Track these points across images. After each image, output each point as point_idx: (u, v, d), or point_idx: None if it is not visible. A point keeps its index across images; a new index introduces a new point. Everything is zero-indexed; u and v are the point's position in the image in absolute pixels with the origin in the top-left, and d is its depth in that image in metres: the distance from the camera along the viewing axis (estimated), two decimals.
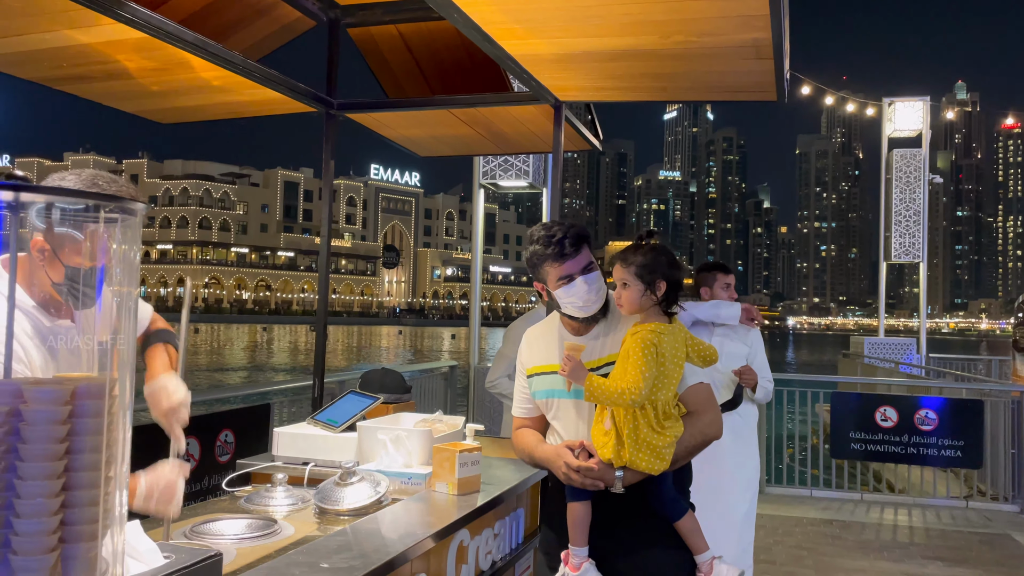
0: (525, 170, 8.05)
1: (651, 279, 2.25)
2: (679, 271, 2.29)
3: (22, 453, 1.18)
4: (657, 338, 2.20)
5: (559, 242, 2.32)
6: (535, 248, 2.37)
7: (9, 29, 2.58)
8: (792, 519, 6.84)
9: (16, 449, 1.18)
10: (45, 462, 1.18)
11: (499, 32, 2.61)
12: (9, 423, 1.17)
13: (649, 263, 2.26)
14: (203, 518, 2.43)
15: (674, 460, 2.25)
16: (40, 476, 1.18)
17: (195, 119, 3.76)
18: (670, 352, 2.21)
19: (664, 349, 2.20)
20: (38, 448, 1.18)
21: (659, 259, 2.27)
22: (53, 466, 1.19)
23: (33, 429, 1.18)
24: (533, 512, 3.12)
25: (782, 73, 2.73)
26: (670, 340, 2.22)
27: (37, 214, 1.24)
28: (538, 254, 2.36)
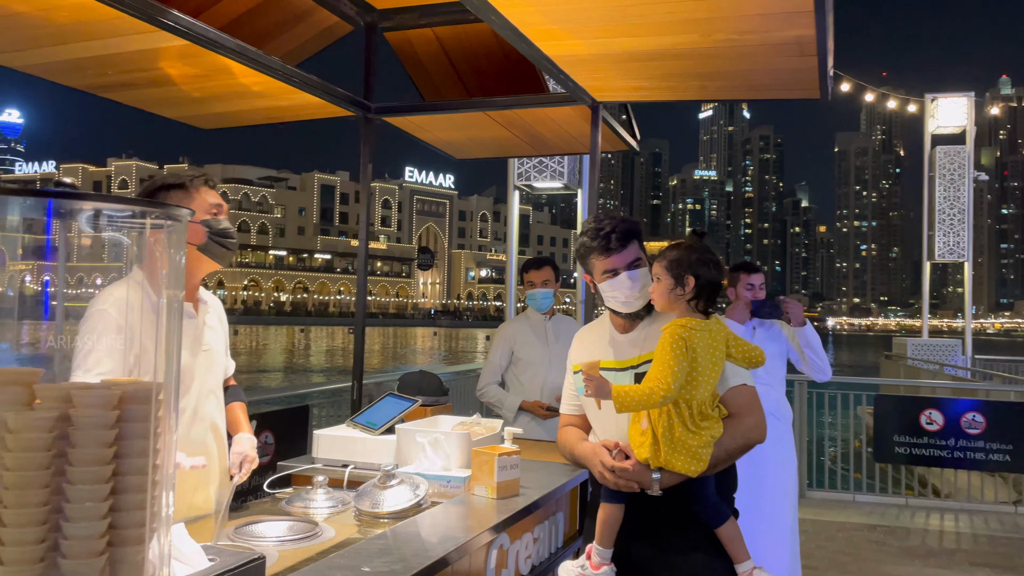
0: (560, 171, 8.03)
1: (679, 274, 2.22)
2: (711, 269, 2.24)
3: (71, 457, 1.19)
4: (687, 332, 2.16)
5: (606, 235, 2.34)
6: (583, 239, 2.40)
7: (56, 39, 2.63)
8: (835, 524, 6.72)
9: (65, 453, 1.19)
10: (94, 466, 1.19)
11: (537, 33, 2.59)
12: (59, 427, 1.19)
13: (678, 258, 2.24)
14: (246, 519, 2.45)
15: (714, 463, 2.20)
16: (89, 480, 1.19)
17: (235, 124, 3.80)
18: (704, 348, 2.17)
19: (696, 345, 2.16)
20: (87, 452, 1.19)
21: (689, 255, 2.24)
22: (102, 470, 1.20)
23: (82, 433, 1.19)
24: (572, 516, 3.10)
25: (826, 70, 2.68)
26: (704, 336, 2.18)
27: (86, 221, 1.26)
28: (585, 245, 2.39)
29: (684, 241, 2.30)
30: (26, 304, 1.29)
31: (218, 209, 2.46)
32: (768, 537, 3.96)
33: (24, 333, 1.29)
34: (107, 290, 2.23)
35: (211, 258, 2.46)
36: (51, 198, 1.17)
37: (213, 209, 2.45)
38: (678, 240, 2.34)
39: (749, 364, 2.29)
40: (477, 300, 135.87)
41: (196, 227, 2.38)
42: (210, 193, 2.46)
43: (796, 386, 7.70)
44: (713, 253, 2.29)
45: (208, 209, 2.43)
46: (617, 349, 2.42)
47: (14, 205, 1.18)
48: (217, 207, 2.46)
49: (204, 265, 2.48)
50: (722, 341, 2.23)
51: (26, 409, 1.20)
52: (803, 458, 7.54)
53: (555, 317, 4.40)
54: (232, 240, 2.48)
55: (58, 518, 1.18)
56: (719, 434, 2.21)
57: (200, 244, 2.41)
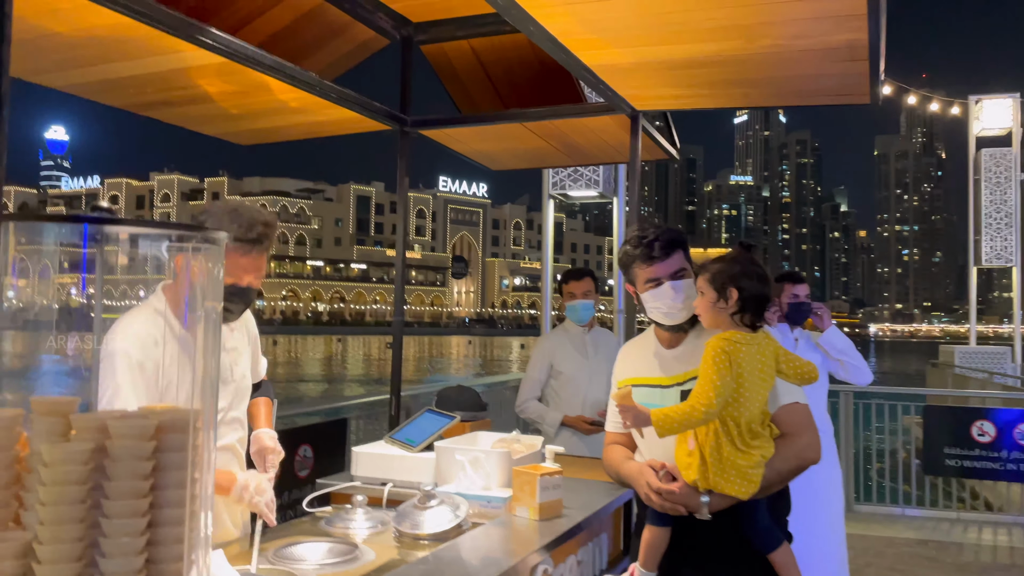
0: (595, 179, 7.95)
1: (722, 286, 2.15)
2: (755, 282, 2.16)
3: (107, 490, 1.15)
4: (730, 347, 2.09)
5: (649, 243, 2.28)
6: (626, 248, 2.34)
7: (96, 58, 2.64)
8: (884, 539, 6.53)
9: (101, 486, 1.16)
10: (130, 499, 1.16)
11: (576, 43, 2.54)
12: (95, 459, 1.16)
13: (720, 271, 2.17)
14: (286, 541, 2.42)
15: (766, 485, 2.12)
16: (126, 514, 1.15)
17: (273, 140, 3.80)
18: (750, 363, 2.09)
19: (741, 359, 2.08)
20: (124, 485, 1.15)
21: (732, 267, 2.16)
22: (139, 503, 1.16)
23: (118, 465, 1.16)
24: (616, 537, 3.02)
25: (877, 74, 2.58)
26: (750, 351, 2.10)
27: (122, 246, 1.23)
28: (628, 254, 2.33)
29: (729, 253, 2.23)
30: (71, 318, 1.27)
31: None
32: (815, 555, 3.85)
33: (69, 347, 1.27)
34: (123, 324, 2.15)
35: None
36: (86, 223, 1.15)
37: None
38: (724, 252, 2.27)
39: (801, 380, 2.20)
40: (511, 308, 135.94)
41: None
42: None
43: (841, 396, 7.52)
44: (759, 265, 2.21)
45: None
46: (663, 365, 2.35)
47: (50, 231, 1.15)
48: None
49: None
50: (771, 356, 2.15)
51: (62, 440, 1.17)
52: (849, 471, 7.36)
53: (594, 330, 4.32)
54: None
55: (94, 553, 1.14)
56: (770, 454, 2.12)
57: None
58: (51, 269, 1.18)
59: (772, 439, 2.14)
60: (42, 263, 1.18)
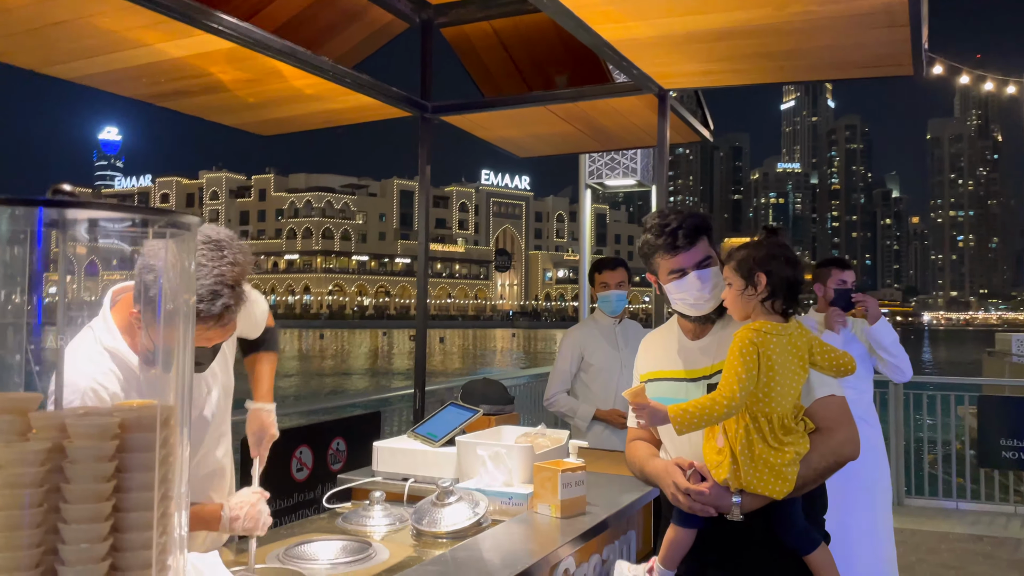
0: (632, 168, 7.77)
1: (749, 272, 2.02)
2: (785, 265, 2.03)
3: (66, 494, 1.08)
4: (759, 337, 1.96)
5: (672, 232, 2.13)
6: (647, 237, 2.20)
7: (105, 47, 2.60)
8: (937, 534, 6.28)
9: (60, 489, 1.08)
10: (91, 503, 1.08)
11: (593, 16, 2.40)
12: (52, 460, 1.08)
13: (745, 256, 2.04)
14: (299, 539, 2.36)
15: (802, 484, 1.98)
16: (85, 519, 1.07)
17: (294, 130, 3.74)
18: (781, 354, 1.96)
19: (771, 351, 1.95)
20: (83, 488, 1.07)
21: (757, 252, 2.04)
22: (100, 507, 1.08)
23: (77, 467, 1.08)
24: (646, 534, 2.90)
25: (920, 42, 2.40)
26: (781, 341, 1.97)
27: (86, 230, 1.15)
28: (649, 244, 2.19)
29: (754, 239, 2.10)
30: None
31: None
32: (862, 553, 3.69)
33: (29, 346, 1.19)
34: (81, 360, 1.81)
35: None
36: (40, 207, 1.07)
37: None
38: (749, 239, 2.13)
39: (837, 372, 2.05)
40: (555, 301, 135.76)
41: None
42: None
43: (891, 387, 7.28)
44: (788, 248, 2.07)
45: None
46: (688, 357, 2.21)
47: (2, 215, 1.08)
48: None
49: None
50: (804, 347, 2.00)
51: (18, 440, 1.09)
52: (899, 463, 7.12)
53: (624, 321, 4.19)
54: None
55: (52, 560, 1.07)
56: (805, 450, 1.98)
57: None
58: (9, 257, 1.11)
59: (806, 434, 2.00)
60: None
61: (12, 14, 2.31)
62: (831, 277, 3.84)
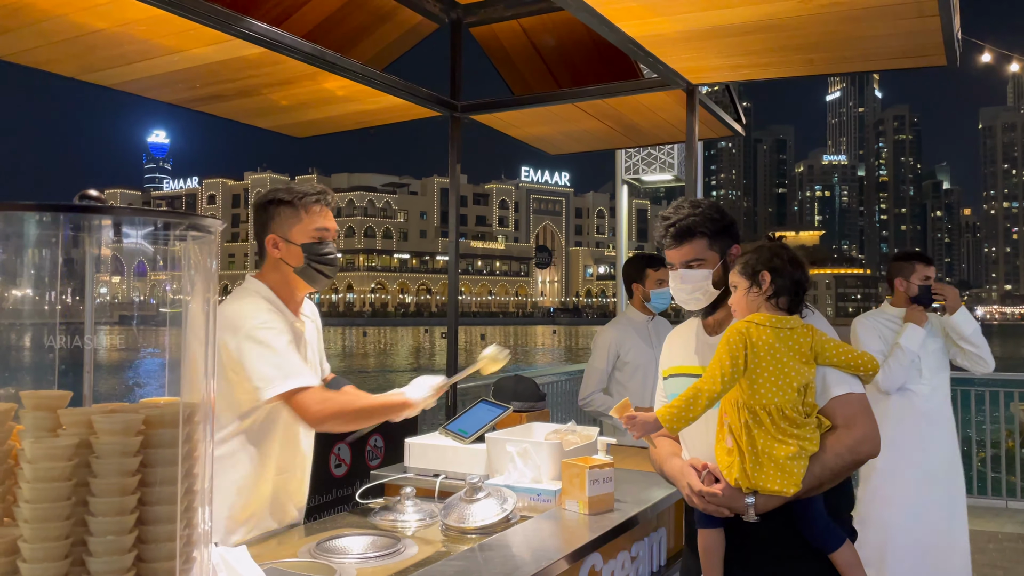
0: (670, 163, 7.72)
1: (753, 272, 2.05)
2: (787, 264, 2.05)
3: (93, 488, 1.12)
4: (750, 327, 1.99)
5: (664, 228, 2.22)
6: (656, 224, 2.29)
7: (141, 54, 2.67)
8: (986, 534, 6.12)
9: (88, 483, 1.13)
10: (116, 496, 1.12)
11: (615, 12, 2.40)
12: (79, 455, 1.13)
13: (750, 258, 2.07)
14: (330, 534, 2.40)
15: (817, 483, 1.97)
16: (112, 512, 1.12)
17: (327, 131, 3.80)
18: (774, 345, 1.97)
19: (762, 341, 1.97)
20: (110, 482, 1.12)
21: (760, 253, 2.07)
22: (125, 501, 1.12)
23: (103, 462, 1.12)
24: (678, 531, 2.89)
25: (951, 32, 2.34)
26: (776, 333, 1.98)
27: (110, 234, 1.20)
28: (656, 231, 2.28)
29: (757, 243, 2.15)
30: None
31: (324, 233, 2.37)
32: (938, 548, 3.63)
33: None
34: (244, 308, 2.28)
35: (307, 282, 2.40)
36: (64, 212, 1.11)
37: (319, 233, 2.36)
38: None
39: (852, 369, 2.03)
40: (596, 297, 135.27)
41: (295, 250, 2.35)
42: (321, 215, 2.37)
43: None
44: (789, 250, 2.11)
45: (313, 233, 2.35)
46: (704, 352, 2.22)
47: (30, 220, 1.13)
48: (323, 231, 2.37)
49: (302, 286, 2.44)
50: (804, 341, 2.00)
51: (48, 436, 1.14)
52: None
53: (656, 318, 4.16)
54: (331, 267, 2.40)
55: (81, 551, 1.12)
56: (812, 447, 1.96)
57: (298, 267, 2.36)
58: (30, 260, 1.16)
59: (817, 432, 1.98)
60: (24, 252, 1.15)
61: (51, 23, 2.39)
62: (915, 272, 3.70)
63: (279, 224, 2.34)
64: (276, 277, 2.38)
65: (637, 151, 7.70)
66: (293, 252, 2.34)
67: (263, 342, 2.21)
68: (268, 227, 2.36)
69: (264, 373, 2.20)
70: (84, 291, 1.21)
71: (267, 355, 2.21)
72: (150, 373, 1.45)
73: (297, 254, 2.34)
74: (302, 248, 2.34)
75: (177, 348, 1.30)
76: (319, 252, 2.36)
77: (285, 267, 2.36)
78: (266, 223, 2.36)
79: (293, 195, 2.35)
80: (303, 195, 2.35)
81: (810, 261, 2.20)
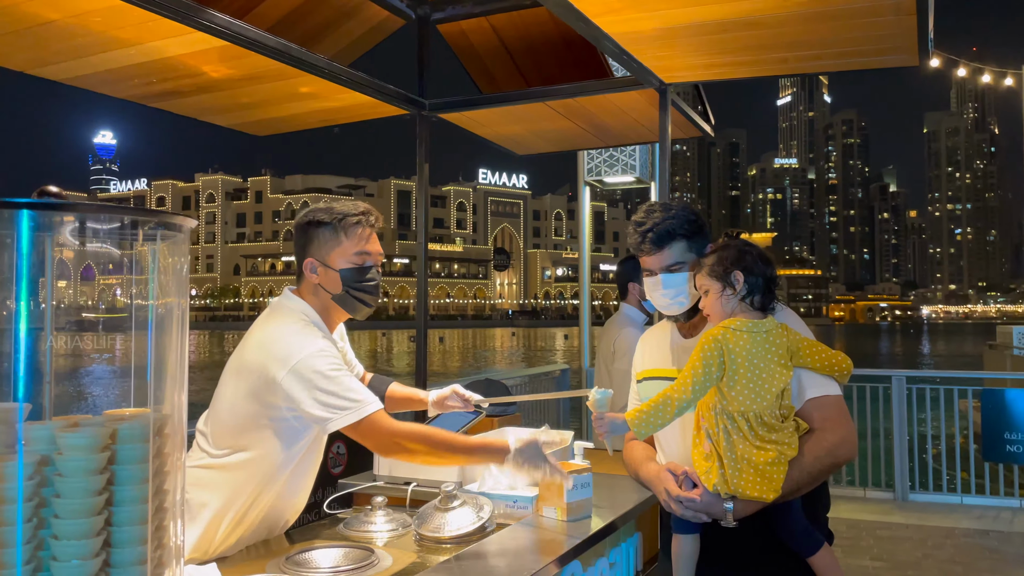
0: (631, 164, 7.73)
1: (724, 274, 2.01)
2: (757, 262, 2.03)
3: (57, 508, 1.03)
4: (726, 334, 1.96)
5: (643, 233, 2.15)
6: (629, 230, 2.22)
7: (95, 47, 2.55)
8: (942, 530, 6.24)
9: (51, 503, 1.04)
10: (82, 518, 1.04)
11: (593, 8, 2.36)
12: (41, 474, 1.03)
13: (718, 259, 2.04)
14: (299, 546, 2.31)
15: (795, 487, 1.95)
16: (77, 535, 1.03)
17: (289, 129, 3.70)
18: (752, 351, 1.94)
19: (739, 347, 1.94)
20: (74, 503, 1.03)
21: (729, 253, 2.04)
22: (91, 522, 1.04)
23: (67, 482, 1.03)
24: (652, 536, 2.85)
25: (926, 31, 2.35)
26: (753, 338, 1.96)
27: (71, 232, 1.11)
28: (630, 239, 2.22)
29: (718, 244, 2.12)
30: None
31: (366, 256, 2.25)
32: None
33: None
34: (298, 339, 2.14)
35: (345, 310, 2.30)
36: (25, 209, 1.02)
37: (360, 258, 2.24)
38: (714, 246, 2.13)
39: (831, 370, 2.01)
40: (554, 299, 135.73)
41: (333, 275, 2.23)
42: (362, 237, 2.24)
43: (894, 381, 7.26)
44: (754, 246, 2.08)
45: (353, 257, 2.23)
46: (678, 356, 2.19)
47: None
48: (365, 254, 2.25)
49: (340, 313, 2.33)
50: (781, 343, 1.98)
51: (6, 453, 1.05)
52: (904, 459, 7.09)
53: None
54: (371, 296, 2.29)
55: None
56: (791, 452, 1.94)
57: (336, 294, 2.25)
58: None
59: (795, 435, 1.96)
60: None
61: (0, 14, 2.26)
62: None
63: (317, 247, 2.22)
64: (314, 301, 2.27)
65: (599, 153, 7.70)
66: (331, 278, 2.23)
67: (322, 372, 2.09)
68: (307, 250, 2.24)
69: (330, 403, 2.09)
70: (43, 294, 1.12)
71: (328, 385, 2.09)
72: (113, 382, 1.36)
73: (335, 280, 2.23)
74: (340, 274, 2.23)
75: (143, 355, 1.21)
76: (358, 279, 2.24)
77: (323, 293, 2.25)
78: (305, 246, 2.25)
79: (333, 216, 2.22)
80: (343, 216, 2.23)
81: None
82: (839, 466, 2.03)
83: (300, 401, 2.07)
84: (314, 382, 2.07)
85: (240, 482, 2.22)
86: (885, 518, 6.56)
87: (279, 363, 2.07)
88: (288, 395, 2.08)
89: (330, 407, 2.08)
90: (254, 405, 2.14)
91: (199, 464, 2.21)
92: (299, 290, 2.30)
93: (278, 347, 2.11)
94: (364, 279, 2.25)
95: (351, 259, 2.23)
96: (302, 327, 2.18)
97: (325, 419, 2.09)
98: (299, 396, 2.07)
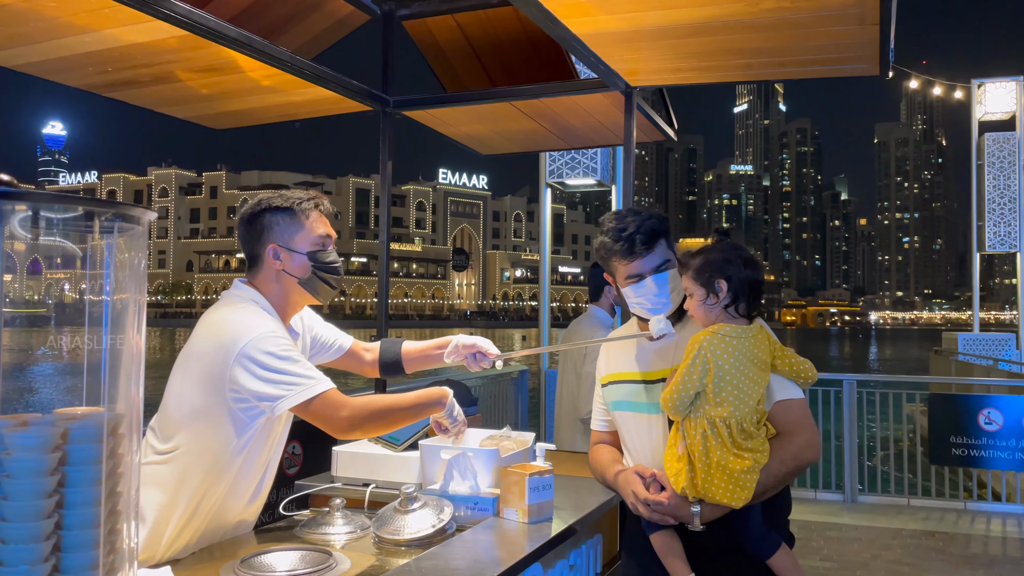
0: (593, 167, 7.76)
1: (708, 280, 2.01)
2: (744, 267, 2.02)
3: (5, 511, 0.98)
4: (713, 341, 1.96)
5: (629, 238, 2.11)
6: (604, 240, 2.17)
7: (48, 33, 2.46)
8: (890, 531, 6.38)
9: None
10: (30, 521, 0.99)
11: (563, 9, 2.35)
12: None
13: (702, 264, 2.03)
14: (255, 549, 2.25)
15: (761, 491, 1.97)
16: (24, 539, 0.98)
17: (249, 123, 3.62)
18: (737, 359, 1.94)
19: (725, 356, 1.94)
20: (22, 505, 0.98)
21: (714, 257, 2.02)
22: (40, 526, 0.99)
23: (15, 483, 0.99)
24: (612, 538, 2.85)
25: (888, 41, 2.39)
26: (740, 345, 1.95)
27: (21, 223, 1.06)
28: (606, 247, 2.16)
29: (707, 244, 2.10)
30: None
31: (326, 240, 2.25)
32: None
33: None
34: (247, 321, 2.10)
35: (311, 293, 2.27)
36: None
37: (322, 240, 2.24)
38: (702, 245, 2.12)
39: (797, 377, 2.04)
40: (513, 300, 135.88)
41: (300, 259, 2.21)
42: (320, 221, 2.25)
43: (845, 385, 7.40)
44: (743, 249, 2.07)
45: (316, 240, 2.23)
46: (645, 359, 2.19)
47: None
48: (326, 237, 2.25)
49: (305, 298, 2.30)
50: (765, 350, 1.99)
51: None
52: (853, 461, 7.23)
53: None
54: (336, 276, 2.29)
55: None
56: (766, 460, 1.95)
57: (303, 278, 2.22)
58: None
59: (767, 442, 1.97)
60: None
61: None
62: None
63: (279, 233, 2.20)
64: (274, 289, 2.23)
65: (561, 155, 7.72)
66: (297, 262, 2.21)
67: (272, 352, 2.05)
68: (265, 237, 2.20)
69: (280, 380, 2.05)
70: None
71: (278, 364, 2.05)
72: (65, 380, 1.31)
73: (302, 263, 2.21)
74: (307, 256, 2.21)
75: (97, 352, 1.16)
76: (325, 260, 2.24)
77: (287, 279, 2.22)
78: (261, 234, 2.21)
79: (290, 201, 2.22)
80: (300, 200, 2.23)
81: None
82: (803, 469, 2.05)
83: (249, 382, 2.03)
84: (263, 362, 2.03)
85: (187, 474, 2.15)
86: (835, 519, 6.68)
87: (227, 346, 2.03)
88: (236, 378, 2.04)
89: (280, 384, 2.04)
90: (202, 392, 2.09)
91: (145, 461, 2.15)
92: (253, 280, 2.26)
93: (226, 331, 2.07)
94: (329, 260, 2.25)
95: (315, 241, 2.22)
96: (252, 312, 2.15)
97: (275, 397, 2.05)
98: (248, 377, 2.03)
